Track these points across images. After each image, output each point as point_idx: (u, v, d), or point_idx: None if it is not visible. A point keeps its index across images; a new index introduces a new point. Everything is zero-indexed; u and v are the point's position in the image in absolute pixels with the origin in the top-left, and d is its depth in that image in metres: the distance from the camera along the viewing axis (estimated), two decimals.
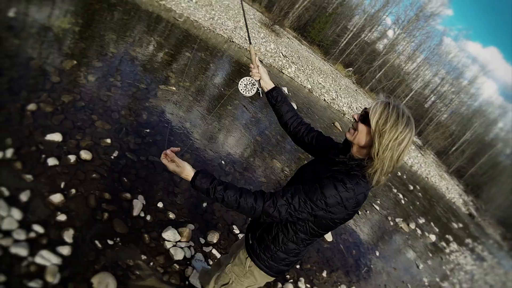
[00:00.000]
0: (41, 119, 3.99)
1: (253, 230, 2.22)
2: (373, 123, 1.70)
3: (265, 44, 19.16)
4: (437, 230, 13.22)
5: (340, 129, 14.72)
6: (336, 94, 21.58)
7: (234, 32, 16.82)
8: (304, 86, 17.98)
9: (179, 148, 1.98)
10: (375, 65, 46.93)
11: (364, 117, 1.78)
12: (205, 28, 14.82)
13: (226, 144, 6.49)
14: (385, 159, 1.69)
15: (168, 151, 1.93)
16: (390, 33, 50.94)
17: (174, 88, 7.04)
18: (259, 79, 2.40)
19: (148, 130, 5.15)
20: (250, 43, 2.51)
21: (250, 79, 2.41)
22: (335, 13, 46.25)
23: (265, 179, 6.29)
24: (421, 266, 8.32)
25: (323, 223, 1.83)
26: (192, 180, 1.84)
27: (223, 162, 5.78)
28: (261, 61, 13.23)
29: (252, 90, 2.40)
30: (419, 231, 10.93)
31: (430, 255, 9.88)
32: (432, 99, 56.95)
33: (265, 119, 9.13)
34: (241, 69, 12.51)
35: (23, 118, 3.85)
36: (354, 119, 1.86)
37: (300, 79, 18.31)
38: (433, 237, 11.56)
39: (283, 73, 17.22)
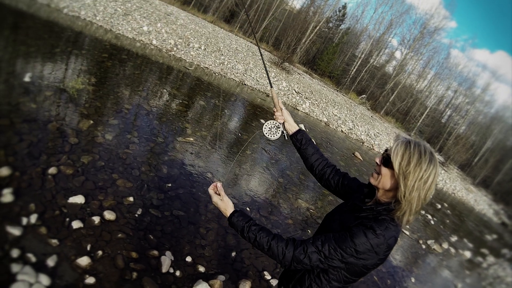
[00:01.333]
0: (62, 182, 4.17)
1: (286, 282, 2.26)
2: (396, 165, 1.73)
3: (277, 83, 19.67)
4: (471, 245, 12.85)
5: (361, 158, 14.76)
6: (352, 123, 21.75)
7: (245, 75, 17.30)
8: (320, 120, 18.23)
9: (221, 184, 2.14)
10: (387, 88, 47.58)
11: (386, 160, 1.82)
12: (216, 73, 15.29)
13: (249, 189, 6.57)
14: (412, 200, 1.71)
15: (218, 184, 2.10)
16: (397, 54, 52.14)
17: (191, 139, 7.23)
18: (283, 122, 2.50)
19: (169, 185, 5.29)
20: (272, 86, 2.64)
21: (274, 123, 2.50)
22: (342, 43, 47.74)
23: (291, 220, 6.31)
24: (459, 286, 8.08)
25: (355, 270, 1.85)
26: (230, 216, 2.01)
27: (248, 208, 5.85)
28: (284, 103, 13.55)
29: (276, 134, 2.49)
30: (452, 250, 10.64)
31: (467, 272, 9.59)
32: (448, 113, 57.20)
33: (285, 159, 9.23)
34: (256, 111, 12.77)
35: (44, 182, 4.04)
36: (376, 163, 1.90)
37: (315, 113, 18.64)
38: (468, 254, 11.24)
39: (298, 110, 17.55)
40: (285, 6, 48.83)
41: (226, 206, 2.05)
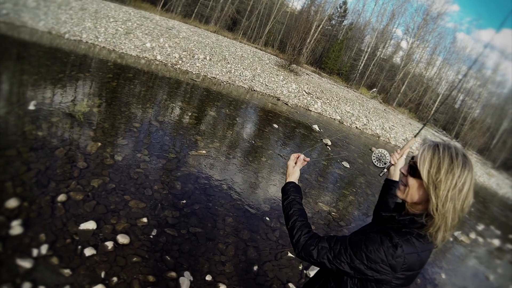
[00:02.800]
0: (72, 208, 4.06)
1: None
2: (424, 174, 1.51)
3: (287, 86, 19.51)
4: (498, 232, 12.43)
5: None
6: (366, 119, 21.47)
7: (253, 81, 17.24)
8: (334, 119, 18.02)
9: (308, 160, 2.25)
10: (397, 80, 47.42)
11: (413, 169, 1.60)
12: (224, 82, 15.21)
13: (267, 198, 6.40)
14: (447, 212, 1.48)
15: (301, 156, 2.22)
16: (403, 44, 52.02)
17: (204, 151, 7.11)
18: (393, 165, 2.40)
19: (184, 201, 5.15)
20: (415, 136, 2.57)
21: (388, 158, 2.50)
22: (346, 38, 47.79)
23: (313, 226, 6.09)
24: (491, 277, 7.77)
25: (368, 286, 1.64)
26: (286, 184, 2.09)
27: (267, 218, 5.67)
28: (296, 105, 13.39)
29: (380, 163, 2.54)
30: (480, 239, 10.28)
31: (498, 262, 9.25)
32: (461, 98, 56.76)
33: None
34: (268, 116, 12.64)
35: (54, 210, 3.93)
36: (402, 173, 1.69)
37: (328, 112, 18.44)
38: (496, 242, 10.83)
39: (311, 110, 17.38)
40: (286, 8, 48.93)
41: (291, 174, 2.13)
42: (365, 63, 47.32)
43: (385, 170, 2.37)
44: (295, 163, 2.17)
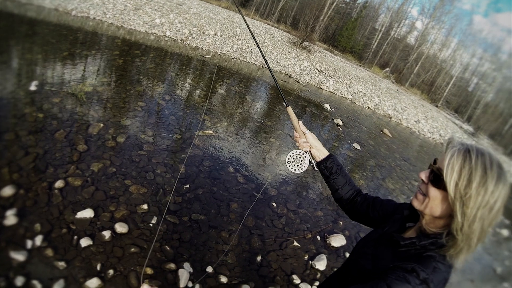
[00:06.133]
0: (70, 195, 3.90)
1: None
2: (451, 187, 1.21)
3: (298, 63, 19.11)
4: (507, 222, 12.15)
5: (390, 135, 14.10)
6: (378, 99, 21.04)
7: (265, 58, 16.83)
8: (346, 98, 17.60)
9: None
10: (410, 60, 46.71)
11: (437, 177, 1.29)
12: (235, 59, 14.89)
13: (275, 181, 6.19)
14: (472, 234, 1.21)
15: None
16: (418, 24, 51.34)
17: (211, 132, 6.90)
18: (310, 149, 2.00)
19: (187, 186, 4.96)
20: (287, 105, 2.14)
21: (298, 152, 2.00)
22: (360, 17, 46.88)
23: (321, 212, 5.88)
24: (498, 270, 7.55)
25: None
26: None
27: (274, 204, 5.47)
28: (307, 83, 13.04)
29: (303, 165, 1.98)
30: (489, 229, 10.06)
31: (506, 253, 9.02)
32: (475, 81, 56.24)
33: None
34: (278, 95, 12.34)
35: (51, 198, 3.77)
36: (422, 179, 1.36)
37: (340, 91, 18.03)
38: (505, 232, 10.55)
39: (322, 89, 16.98)
40: None
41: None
42: (379, 42, 46.52)
43: (312, 161, 1.98)
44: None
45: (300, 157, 1.98)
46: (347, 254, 5.00)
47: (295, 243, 4.73)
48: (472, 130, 41.18)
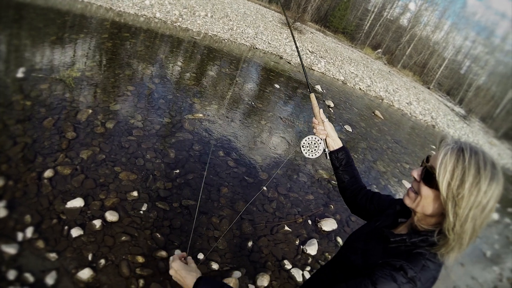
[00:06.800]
0: (60, 184, 3.88)
1: None
2: (443, 187, 1.19)
3: (290, 44, 18.97)
4: (497, 205, 12.24)
5: (382, 117, 14.15)
6: (370, 80, 21.07)
7: (256, 39, 16.76)
8: (337, 79, 17.54)
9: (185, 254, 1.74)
10: (403, 42, 46.96)
11: (429, 175, 1.28)
12: (226, 40, 14.75)
13: (266, 164, 6.19)
14: (464, 233, 1.19)
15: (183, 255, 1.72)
16: (412, 6, 50.96)
17: (201, 115, 6.86)
18: (326, 137, 2.03)
19: (177, 171, 4.95)
20: (310, 91, 2.13)
21: (314, 138, 2.03)
22: None
23: (312, 196, 5.92)
24: (488, 253, 7.69)
25: None
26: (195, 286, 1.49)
27: (265, 188, 5.49)
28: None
29: (317, 151, 2.03)
30: None
31: (496, 237, 9.17)
32: (467, 64, 56.41)
33: (302, 126, 8.81)
34: (270, 76, 12.29)
35: (40, 188, 3.74)
36: (414, 177, 1.35)
37: (331, 72, 17.96)
38: (495, 216, 10.73)
39: (314, 70, 16.91)
40: None
41: (187, 275, 1.54)
42: (371, 23, 46.62)
43: (326, 149, 2.02)
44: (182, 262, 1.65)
45: (315, 143, 2.03)
46: (339, 239, 5.07)
47: (286, 228, 4.76)
48: (463, 112, 41.28)
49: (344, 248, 1.69)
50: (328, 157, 2.03)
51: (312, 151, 2.03)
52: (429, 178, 1.27)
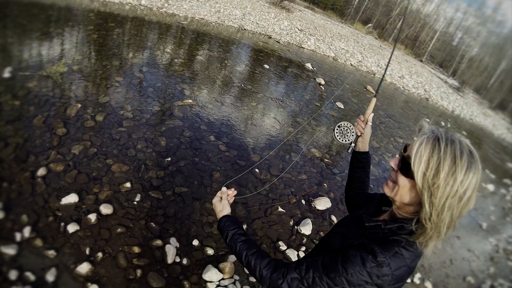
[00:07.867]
0: (53, 182, 3.92)
1: None
2: (418, 177, 1.21)
3: (278, 23, 18.86)
4: (493, 176, 12.36)
5: (374, 92, 14.07)
6: (361, 55, 20.96)
7: (244, 20, 16.62)
8: (328, 56, 17.50)
9: (235, 192, 2.01)
10: (393, 15, 46.51)
11: (405, 165, 1.29)
12: (213, 23, 14.63)
13: (257, 147, 6.24)
14: (441, 222, 1.21)
15: (231, 192, 1.96)
16: None
17: (190, 101, 6.87)
18: (360, 135, 2.13)
19: (169, 159, 5.00)
20: (375, 96, 2.24)
21: (351, 128, 2.18)
22: None
23: (305, 175, 5.98)
24: (484, 225, 7.80)
25: None
26: (219, 220, 1.78)
27: (257, 170, 5.54)
28: (288, 43, 12.88)
29: (347, 139, 2.17)
30: None
31: (492, 208, 9.28)
32: (459, 35, 56.38)
33: (293, 105, 8.83)
34: (259, 56, 12.24)
35: (35, 187, 3.78)
36: (392, 167, 1.38)
37: (321, 49, 17.90)
38: (490, 187, 10.84)
39: (303, 48, 16.85)
40: None
41: (220, 211, 1.82)
42: None
43: (353, 144, 2.13)
44: (221, 198, 1.89)
45: (349, 132, 2.18)
46: (333, 217, 5.16)
47: (280, 209, 4.84)
48: (457, 84, 41.18)
49: (327, 234, 1.76)
50: (350, 151, 2.14)
51: (343, 135, 2.18)
52: (405, 167, 1.28)
